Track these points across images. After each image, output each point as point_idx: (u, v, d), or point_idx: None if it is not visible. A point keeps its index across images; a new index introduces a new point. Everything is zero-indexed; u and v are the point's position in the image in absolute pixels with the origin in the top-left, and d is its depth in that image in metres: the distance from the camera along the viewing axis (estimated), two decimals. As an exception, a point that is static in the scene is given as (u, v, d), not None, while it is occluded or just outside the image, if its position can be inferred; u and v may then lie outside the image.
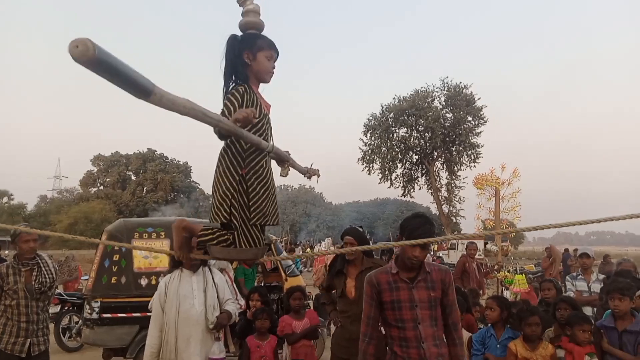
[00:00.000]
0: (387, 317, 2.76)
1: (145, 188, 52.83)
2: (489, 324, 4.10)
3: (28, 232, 4.01)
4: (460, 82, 35.97)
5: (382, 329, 2.90)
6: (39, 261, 4.14)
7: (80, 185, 55.99)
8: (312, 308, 6.24)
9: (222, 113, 2.05)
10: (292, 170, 2.80)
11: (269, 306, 5.10)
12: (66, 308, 8.22)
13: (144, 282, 5.92)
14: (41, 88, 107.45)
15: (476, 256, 8.61)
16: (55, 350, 7.80)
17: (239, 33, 2.28)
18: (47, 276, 4.11)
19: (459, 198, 36.53)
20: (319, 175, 3.24)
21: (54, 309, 8.25)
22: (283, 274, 6.85)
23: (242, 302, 4.92)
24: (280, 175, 2.66)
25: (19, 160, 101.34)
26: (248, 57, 2.24)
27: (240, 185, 2.16)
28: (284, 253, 7.71)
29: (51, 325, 7.98)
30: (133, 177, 54.77)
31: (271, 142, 2.29)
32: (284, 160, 2.63)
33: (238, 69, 2.23)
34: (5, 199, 56.55)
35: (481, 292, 8.03)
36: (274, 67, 2.32)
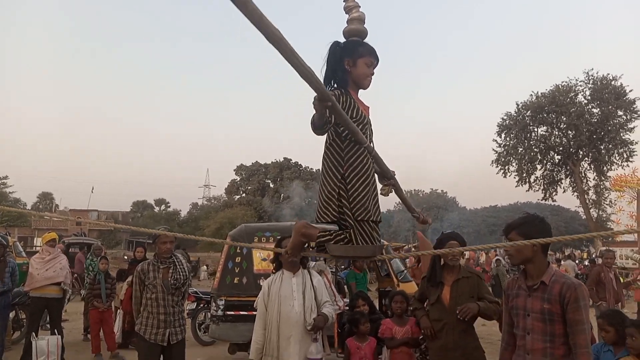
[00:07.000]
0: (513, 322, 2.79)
1: (282, 195, 55.59)
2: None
3: (166, 235, 4.50)
4: (608, 74, 32.38)
5: None
6: (175, 260, 4.65)
7: (225, 193, 60.65)
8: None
9: None
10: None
11: (373, 310, 5.16)
12: (201, 305, 8.82)
13: (262, 282, 6.34)
14: (188, 102, 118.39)
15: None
16: (192, 344, 8.58)
17: (342, 39, 2.35)
18: (181, 274, 4.60)
19: (609, 201, 32.70)
20: (429, 224, 3.24)
21: (191, 306, 9.04)
22: (395, 279, 6.86)
23: (341, 303, 5.04)
24: (381, 194, 2.58)
25: (175, 171, 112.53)
26: (348, 63, 2.31)
27: (342, 184, 2.24)
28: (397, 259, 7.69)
29: (189, 321, 8.90)
30: (271, 185, 57.96)
31: (371, 144, 2.33)
32: (387, 177, 2.62)
33: (338, 74, 2.32)
34: (162, 207, 63.77)
35: (619, 305, 7.27)
36: (372, 74, 2.36)
